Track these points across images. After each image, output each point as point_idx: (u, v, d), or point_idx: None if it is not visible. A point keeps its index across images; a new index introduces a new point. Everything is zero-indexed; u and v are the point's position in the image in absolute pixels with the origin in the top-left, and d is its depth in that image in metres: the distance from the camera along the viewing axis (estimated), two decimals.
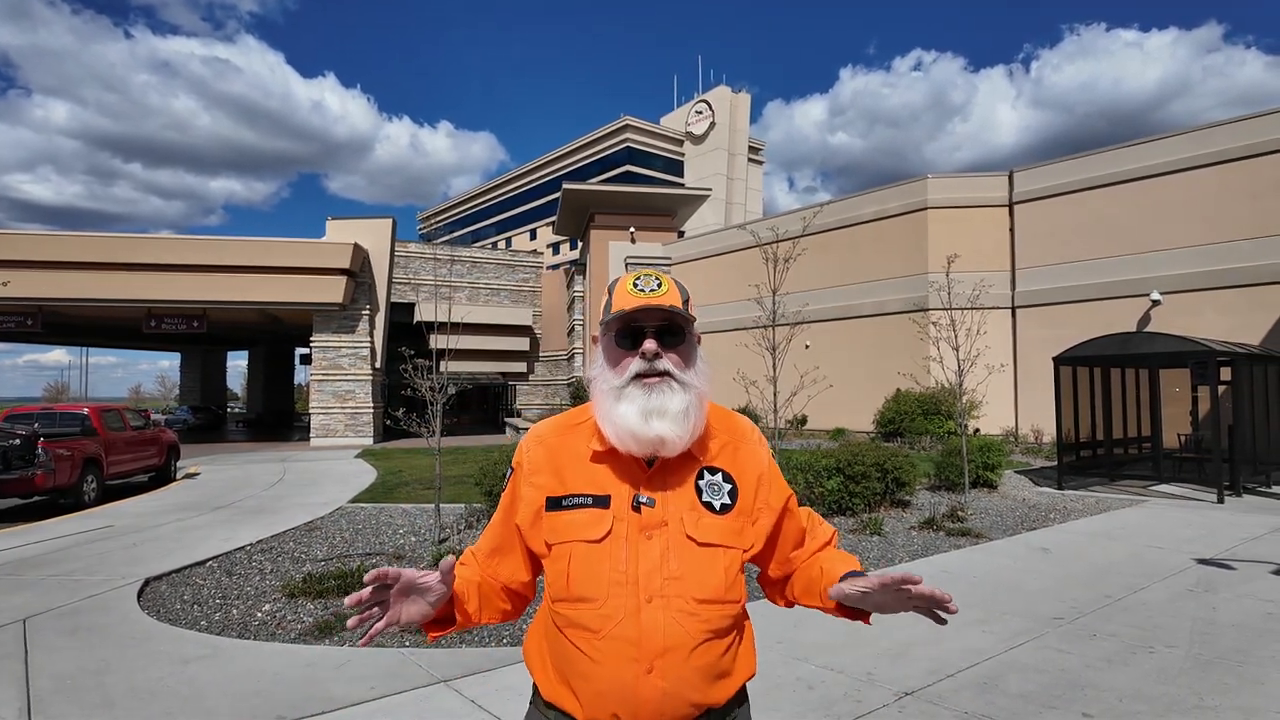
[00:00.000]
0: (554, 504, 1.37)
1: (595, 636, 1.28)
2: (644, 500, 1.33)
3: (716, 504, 1.37)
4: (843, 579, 1.32)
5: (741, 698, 1.39)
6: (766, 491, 1.43)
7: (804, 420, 22.91)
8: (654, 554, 1.30)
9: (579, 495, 1.35)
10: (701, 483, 1.38)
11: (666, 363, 1.35)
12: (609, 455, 1.36)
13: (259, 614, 5.33)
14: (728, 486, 1.39)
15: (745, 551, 1.38)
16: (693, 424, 1.33)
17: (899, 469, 9.41)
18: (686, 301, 1.41)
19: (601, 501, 1.34)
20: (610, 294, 1.41)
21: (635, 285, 1.38)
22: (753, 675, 1.40)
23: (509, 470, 1.47)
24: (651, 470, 1.36)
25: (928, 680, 3.87)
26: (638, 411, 1.31)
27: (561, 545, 1.34)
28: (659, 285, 1.38)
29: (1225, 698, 3.63)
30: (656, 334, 1.36)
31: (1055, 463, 13.01)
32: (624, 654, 1.26)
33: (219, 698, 3.75)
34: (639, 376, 1.34)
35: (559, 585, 1.33)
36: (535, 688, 1.42)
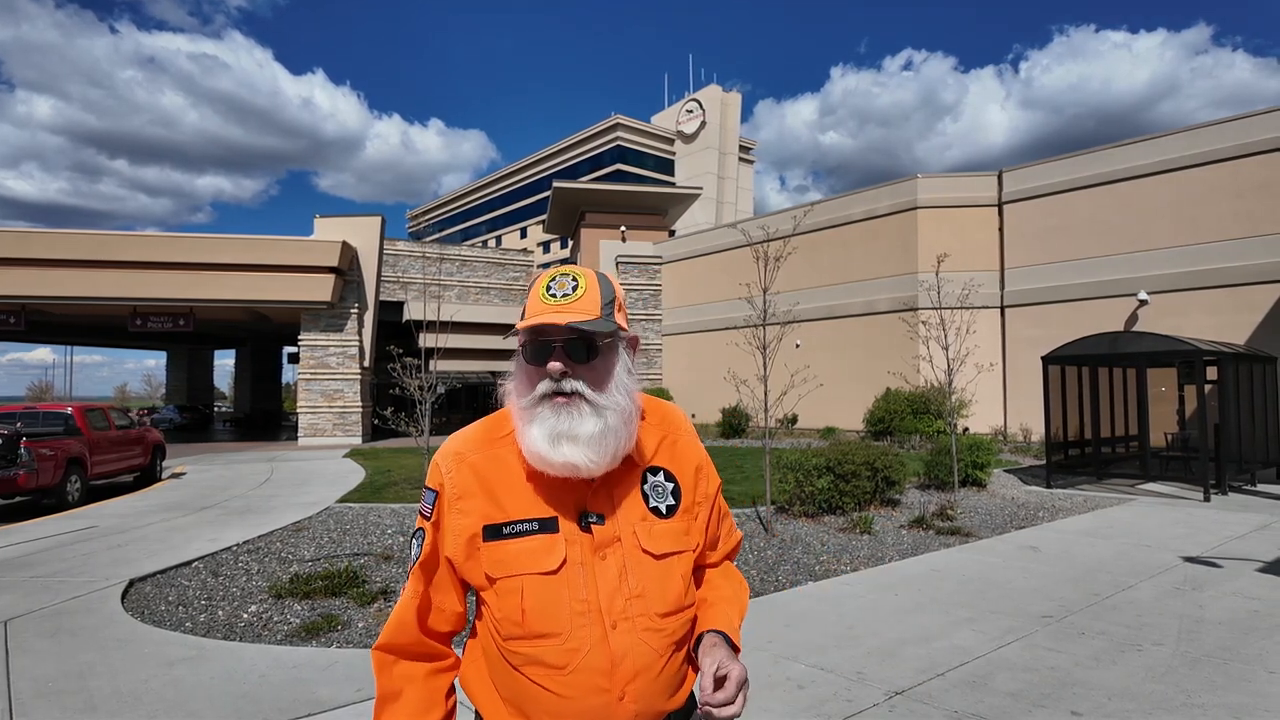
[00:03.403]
0: (493, 533, 1.22)
1: (561, 672, 1.17)
2: (593, 519, 1.22)
3: (663, 507, 1.29)
4: (706, 634, 1.29)
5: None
6: (705, 483, 1.37)
7: (794, 419, 22.97)
8: (611, 574, 1.21)
9: (522, 521, 1.21)
10: (646, 487, 1.29)
11: (575, 383, 1.20)
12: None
13: (245, 615, 5.28)
14: (670, 485, 1.32)
15: (694, 551, 1.33)
16: (613, 447, 1.20)
17: (889, 468, 9.43)
18: (611, 303, 1.24)
19: (548, 525, 1.21)
20: (526, 295, 1.27)
21: (548, 290, 1.21)
22: None
23: (430, 494, 1.29)
24: (595, 483, 1.24)
25: (918, 679, 3.88)
26: (546, 435, 1.18)
27: (510, 579, 1.20)
28: (574, 289, 1.21)
29: (1213, 695, 3.65)
30: (567, 348, 1.20)
31: (1044, 461, 13.08)
32: (594, 685, 1.18)
33: (204, 700, 3.70)
34: (547, 396, 1.20)
35: (511, 623, 1.19)
36: (478, 715, 1.30)
